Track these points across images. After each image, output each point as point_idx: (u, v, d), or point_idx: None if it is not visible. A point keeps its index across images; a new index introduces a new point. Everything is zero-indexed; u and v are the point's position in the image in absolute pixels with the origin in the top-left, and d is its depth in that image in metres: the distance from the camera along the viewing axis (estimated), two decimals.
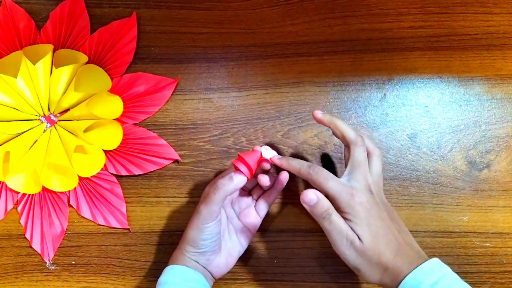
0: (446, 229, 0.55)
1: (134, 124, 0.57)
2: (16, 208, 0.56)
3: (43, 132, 0.56)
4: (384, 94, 0.57)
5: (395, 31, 0.57)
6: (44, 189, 0.56)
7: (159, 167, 0.56)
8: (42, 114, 0.57)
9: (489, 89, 0.57)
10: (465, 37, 0.57)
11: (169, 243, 0.56)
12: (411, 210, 0.55)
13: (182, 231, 0.56)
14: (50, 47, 0.55)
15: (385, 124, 0.56)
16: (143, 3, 0.58)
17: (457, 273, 0.54)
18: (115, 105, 0.56)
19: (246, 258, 0.55)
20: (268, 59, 0.57)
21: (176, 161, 0.56)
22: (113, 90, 0.56)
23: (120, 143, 0.56)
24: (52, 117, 0.57)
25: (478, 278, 0.54)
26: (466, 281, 0.52)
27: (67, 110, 0.57)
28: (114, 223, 0.56)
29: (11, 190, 0.56)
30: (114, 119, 0.56)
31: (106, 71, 0.56)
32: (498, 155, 0.56)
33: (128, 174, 0.56)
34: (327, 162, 0.56)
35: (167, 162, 0.56)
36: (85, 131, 0.54)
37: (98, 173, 0.56)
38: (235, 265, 0.55)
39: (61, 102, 0.55)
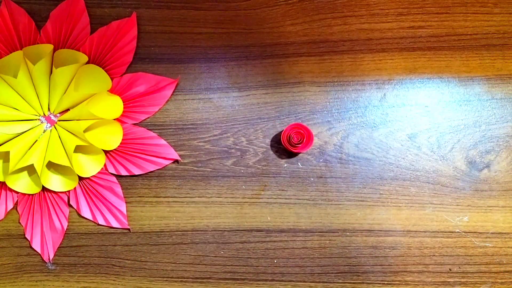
0: (446, 229, 0.55)
1: (134, 124, 0.57)
2: (16, 208, 0.56)
3: (43, 132, 0.56)
4: (384, 94, 0.57)
5: (395, 31, 0.57)
6: (44, 189, 0.56)
7: (159, 167, 0.56)
8: (42, 114, 0.57)
9: (489, 89, 0.57)
10: (465, 37, 0.57)
11: (169, 243, 0.56)
12: (411, 210, 0.55)
13: (182, 231, 0.56)
14: (50, 47, 0.55)
15: (385, 124, 0.56)
16: (143, 3, 0.58)
17: (457, 273, 0.55)
18: (115, 105, 0.56)
19: (246, 258, 0.55)
20: (268, 59, 0.57)
21: (176, 161, 0.56)
22: (113, 90, 0.56)
23: (120, 143, 0.56)
24: (52, 117, 0.57)
25: (478, 278, 0.54)
26: (466, 281, 0.52)
27: (67, 110, 0.57)
28: (114, 223, 0.56)
29: (11, 190, 0.56)
30: (114, 119, 0.56)
31: (106, 71, 0.56)
32: (498, 155, 0.56)
33: (128, 174, 0.56)
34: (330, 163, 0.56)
35: (167, 162, 0.56)
36: (85, 131, 0.54)
37: (98, 173, 0.56)
38: (235, 265, 0.55)
39: (61, 102, 0.55)
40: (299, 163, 0.56)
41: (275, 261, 0.55)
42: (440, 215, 0.55)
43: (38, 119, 0.56)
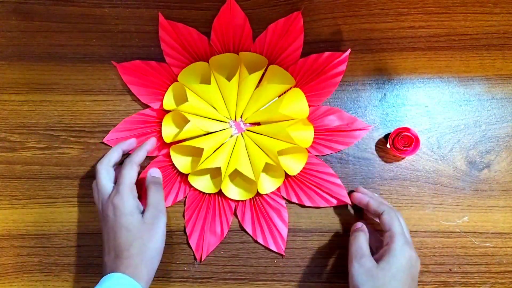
0: (446, 229, 0.55)
1: (316, 155, 0.56)
2: (185, 201, 0.56)
3: (230, 137, 0.56)
4: (384, 94, 0.57)
5: (395, 31, 0.57)
6: (217, 192, 0.55)
7: (328, 206, 0.55)
8: (233, 118, 0.56)
9: (489, 89, 0.57)
10: (465, 37, 0.57)
11: (169, 243, 0.56)
12: (411, 210, 0.55)
13: (182, 231, 0.56)
14: (265, 61, 0.55)
15: (385, 124, 0.56)
16: (143, 3, 0.58)
17: (457, 273, 0.54)
18: (307, 134, 0.55)
19: (246, 258, 0.55)
20: None
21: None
22: (307, 118, 0.56)
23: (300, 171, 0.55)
24: (242, 125, 0.56)
25: (478, 278, 0.54)
26: (466, 281, 0.52)
27: (258, 123, 0.56)
28: (272, 245, 0.55)
29: (186, 183, 0.55)
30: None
31: (306, 97, 0.55)
32: (498, 155, 0.56)
33: (297, 202, 0.55)
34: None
35: (335, 202, 0.55)
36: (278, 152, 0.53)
37: (271, 192, 0.55)
38: (235, 265, 0.55)
39: (257, 114, 0.55)
40: None
41: (275, 261, 0.55)
42: (440, 215, 0.55)
43: (228, 123, 0.56)
